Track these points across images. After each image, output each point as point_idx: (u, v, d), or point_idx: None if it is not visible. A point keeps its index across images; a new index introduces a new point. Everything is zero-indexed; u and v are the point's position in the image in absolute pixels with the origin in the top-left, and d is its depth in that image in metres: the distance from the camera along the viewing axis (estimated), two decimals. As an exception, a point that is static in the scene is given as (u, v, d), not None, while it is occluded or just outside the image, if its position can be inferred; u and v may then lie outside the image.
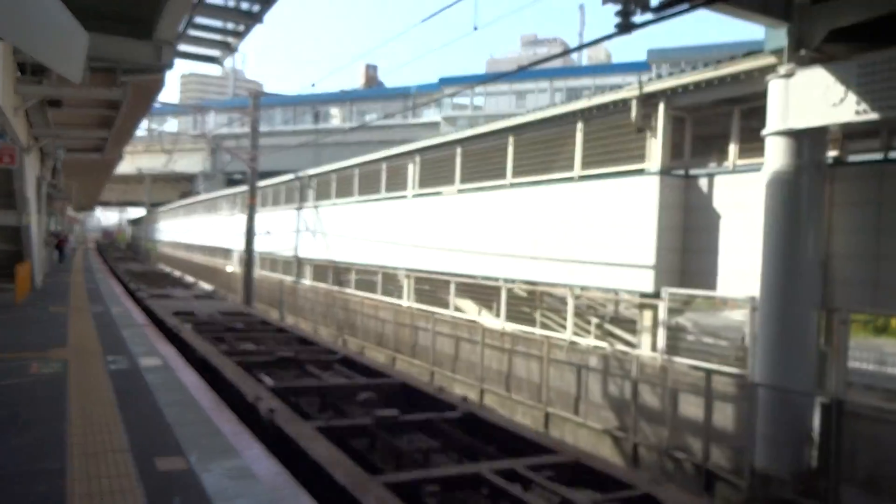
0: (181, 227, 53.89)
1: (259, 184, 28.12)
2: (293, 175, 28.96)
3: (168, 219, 62.80)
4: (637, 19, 7.67)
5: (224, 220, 39.15)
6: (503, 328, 14.64)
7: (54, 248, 29.80)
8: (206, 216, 45.39)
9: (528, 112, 15.44)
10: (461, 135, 17.41)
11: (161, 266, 39.06)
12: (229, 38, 11.38)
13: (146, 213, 65.07)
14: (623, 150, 12.34)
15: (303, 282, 27.19)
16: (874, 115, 7.78)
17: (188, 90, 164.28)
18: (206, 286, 29.24)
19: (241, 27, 10.80)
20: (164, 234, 64.38)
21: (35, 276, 19.58)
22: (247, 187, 27.56)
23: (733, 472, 9.20)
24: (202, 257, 44.24)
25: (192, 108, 52.76)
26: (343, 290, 23.36)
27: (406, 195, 19.82)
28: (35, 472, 4.90)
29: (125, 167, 46.10)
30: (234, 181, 49.04)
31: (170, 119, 58.48)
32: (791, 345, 8.80)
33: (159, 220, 67.67)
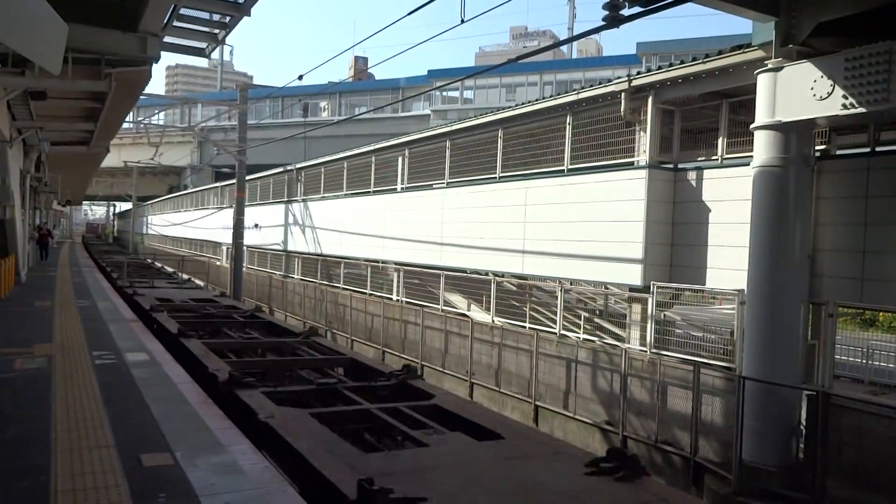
0: (169, 221, 53.50)
1: (247, 177, 27.94)
2: (282, 168, 28.81)
3: (156, 213, 62.39)
4: (626, 12, 7.66)
5: (212, 214, 38.89)
6: (492, 322, 14.65)
7: (35, 242, 29.26)
8: (193, 210, 45.07)
9: (518, 105, 15.41)
10: (450, 127, 17.35)
11: (148, 259, 38.96)
12: (216, 30, 11.23)
13: (133, 207, 64.59)
14: (612, 143, 12.35)
15: (292, 276, 27.08)
16: (861, 109, 7.82)
17: (175, 82, 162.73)
18: (197, 281, 29.06)
19: (227, 18, 10.66)
20: (151, 227, 63.98)
21: (20, 271, 19.38)
22: (234, 181, 27.37)
23: (721, 464, 9.26)
24: (191, 251, 43.91)
25: (179, 101, 52.22)
26: (333, 284, 23.28)
27: (395, 188, 19.76)
28: (19, 468, 4.85)
29: (111, 160, 45.61)
30: (222, 175, 48.71)
31: (157, 112, 57.94)
32: (778, 338, 8.84)
33: (147, 213, 67.23)
